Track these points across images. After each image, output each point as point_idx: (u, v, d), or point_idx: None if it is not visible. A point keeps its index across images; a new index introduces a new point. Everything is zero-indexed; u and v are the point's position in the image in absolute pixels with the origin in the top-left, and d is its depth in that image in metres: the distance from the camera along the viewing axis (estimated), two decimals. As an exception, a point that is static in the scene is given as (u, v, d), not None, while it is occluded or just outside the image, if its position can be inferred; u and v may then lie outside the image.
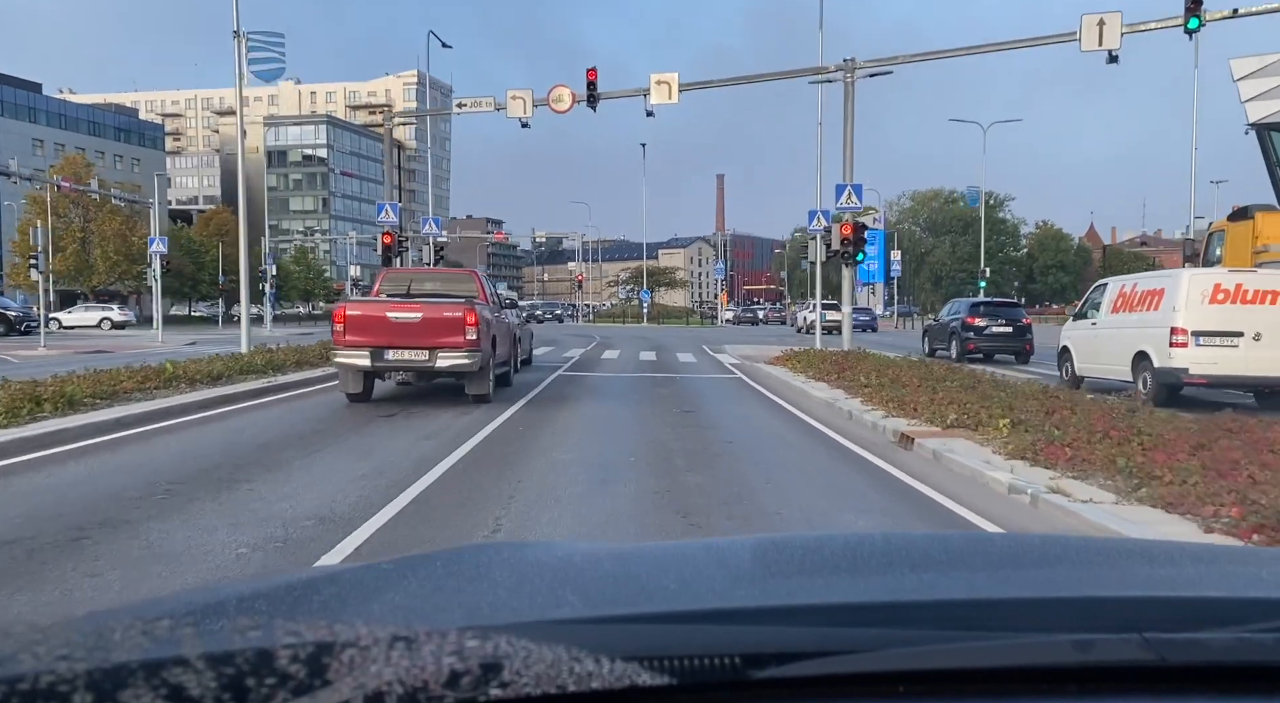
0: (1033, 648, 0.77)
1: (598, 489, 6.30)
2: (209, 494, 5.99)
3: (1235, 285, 11.49)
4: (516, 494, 6.11)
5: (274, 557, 4.57)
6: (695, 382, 15.43)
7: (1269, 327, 11.25)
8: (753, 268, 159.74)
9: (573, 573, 0.98)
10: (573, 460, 7.49)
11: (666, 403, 12.04)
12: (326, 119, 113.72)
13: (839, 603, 0.89)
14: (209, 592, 1.00)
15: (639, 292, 61.29)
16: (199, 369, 12.93)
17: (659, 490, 6.30)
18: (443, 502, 5.88)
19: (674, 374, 16.86)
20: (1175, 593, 0.95)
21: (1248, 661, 0.78)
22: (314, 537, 4.96)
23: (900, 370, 13.86)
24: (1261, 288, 11.40)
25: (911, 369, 14.07)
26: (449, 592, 0.93)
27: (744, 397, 13.36)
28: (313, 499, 5.86)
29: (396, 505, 5.72)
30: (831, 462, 7.84)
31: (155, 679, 0.62)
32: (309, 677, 0.63)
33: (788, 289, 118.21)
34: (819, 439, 9.16)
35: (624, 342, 30.71)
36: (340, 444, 8.30)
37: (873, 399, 11.23)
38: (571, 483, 6.51)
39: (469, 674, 0.65)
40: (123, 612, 0.81)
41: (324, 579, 1.00)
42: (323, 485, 6.32)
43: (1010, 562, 1.12)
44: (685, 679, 0.70)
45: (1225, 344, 11.30)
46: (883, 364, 15.42)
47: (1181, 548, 1.51)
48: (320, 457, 7.58)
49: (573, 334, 37.79)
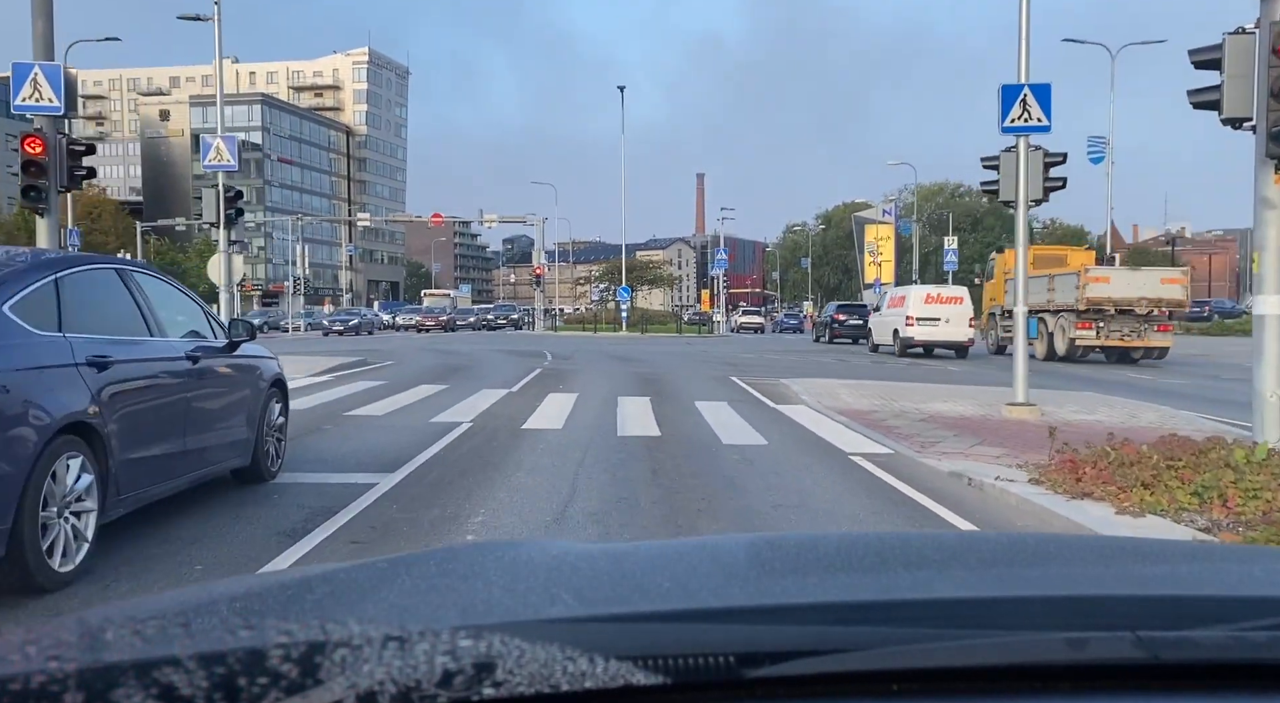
0: (1026, 646, 0.76)
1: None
2: None
3: (937, 294, 25.02)
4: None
5: None
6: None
7: (952, 315, 24.16)
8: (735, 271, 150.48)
9: (567, 572, 0.96)
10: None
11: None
12: (261, 98, 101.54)
13: (833, 602, 0.88)
14: (201, 591, 0.98)
15: (615, 291, 49.83)
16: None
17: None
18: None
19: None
20: (1168, 591, 0.95)
21: (1240, 658, 0.78)
22: None
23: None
24: (947, 295, 24.93)
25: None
26: (443, 591, 0.91)
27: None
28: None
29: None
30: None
31: (146, 679, 0.61)
32: (301, 676, 0.63)
33: (780, 291, 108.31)
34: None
35: (591, 370, 19.58)
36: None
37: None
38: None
39: (462, 674, 0.64)
40: (114, 611, 0.82)
41: (317, 578, 0.96)
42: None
43: (1003, 560, 1.11)
44: (679, 678, 0.69)
45: (930, 324, 24.17)
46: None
47: (1174, 546, 1.74)
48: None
49: (512, 352, 26.30)
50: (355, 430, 9.16)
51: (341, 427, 9.41)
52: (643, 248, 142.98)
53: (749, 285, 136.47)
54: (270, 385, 6.39)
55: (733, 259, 61.37)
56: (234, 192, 15.90)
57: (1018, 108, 10.96)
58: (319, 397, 12.26)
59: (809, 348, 30.86)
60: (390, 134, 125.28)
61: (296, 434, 8.76)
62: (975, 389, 14.61)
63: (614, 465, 7.40)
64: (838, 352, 28.14)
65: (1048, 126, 11.02)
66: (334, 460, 7.37)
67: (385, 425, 9.58)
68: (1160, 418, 11.10)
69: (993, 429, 9.89)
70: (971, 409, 11.74)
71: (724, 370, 19.13)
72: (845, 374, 18.22)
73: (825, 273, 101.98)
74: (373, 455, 7.64)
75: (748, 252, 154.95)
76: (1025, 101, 10.92)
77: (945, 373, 19.33)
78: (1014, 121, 10.98)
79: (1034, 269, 24.16)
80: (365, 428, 9.35)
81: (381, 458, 7.50)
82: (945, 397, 13.13)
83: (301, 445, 8.06)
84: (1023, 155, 11.02)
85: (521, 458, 7.70)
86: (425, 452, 7.86)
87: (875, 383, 15.47)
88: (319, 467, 7.08)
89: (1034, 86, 10.96)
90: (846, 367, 21.18)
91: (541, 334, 45.88)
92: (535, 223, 48.47)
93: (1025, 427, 10.18)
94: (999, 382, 16.32)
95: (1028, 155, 11.04)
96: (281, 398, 6.70)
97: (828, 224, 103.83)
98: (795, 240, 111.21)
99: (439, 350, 26.11)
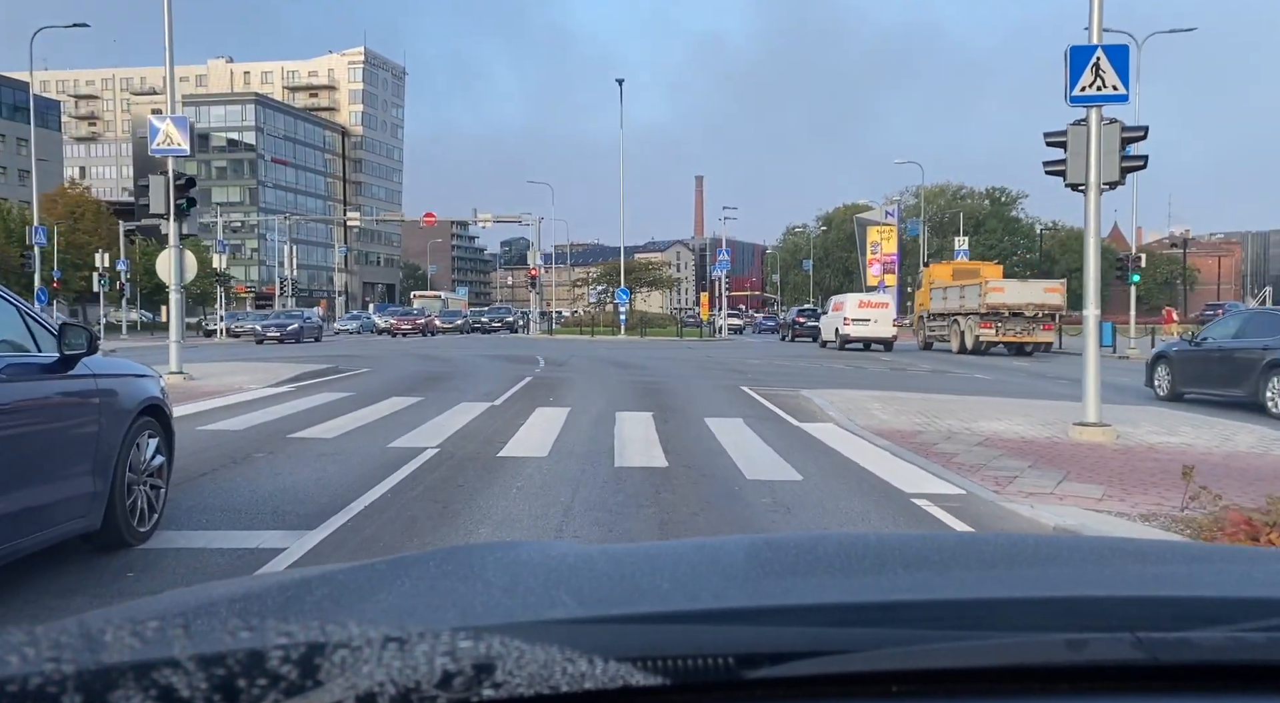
0: (1025, 648, 0.76)
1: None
2: None
3: (868, 300, 31.30)
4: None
5: None
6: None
7: (879, 317, 29.70)
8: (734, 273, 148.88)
9: (566, 573, 0.95)
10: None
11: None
12: (255, 98, 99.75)
13: (832, 603, 0.88)
14: (200, 592, 0.98)
15: (613, 292, 47.93)
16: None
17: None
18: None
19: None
20: (1167, 592, 0.95)
21: (1240, 660, 0.77)
22: None
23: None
24: (875, 301, 31.26)
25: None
26: (442, 592, 0.91)
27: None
28: None
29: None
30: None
31: (145, 681, 0.61)
32: (301, 678, 0.62)
33: (780, 293, 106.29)
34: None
35: (587, 378, 17.81)
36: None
37: None
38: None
39: (462, 675, 0.64)
40: (114, 612, 0.82)
41: (317, 579, 0.95)
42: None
43: (1003, 562, 1.09)
44: (679, 680, 0.69)
45: (863, 324, 29.50)
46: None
47: (1174, 547, 1.69)
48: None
49: (502, 357, 24.51)
50: (291, 460, 7.41)
51: (277, 455, 7.67)
52: (641, 250, 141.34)
53: (749, 288, 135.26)
54: (137, 415, 4.64)
55: (732, 262, 59.60)
56: (185, 179, 14.12)
57: (1089, 74, 9.24)
58: (265, 413, 10.50)
59: (819, 354, 29.10)
60: (386, 135, 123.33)
61: (217, 466, 7.02)
62: (1021, 403, 12.84)
63: (611, 516, 5.64)
64: (847, 358, 26.45)
65: (1125, 95, 9.29)
66: (242, 509, 5.61)
67: (332, 453, 7.83)
68: (1259, 440, 9.37)
69: (1070, 457, 8.15)
70: (1030, 428, 10.00)
71: (732, 378, 17.37)
72: (865, 383, 16.45)
73: (826, 275, 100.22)
74: (298, 500, 5.88)
75: (747, 254, 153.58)
76: (1098, 66, 9.20)
77: (970, 381, 17.59)
78: (1084, 90, 9.25)
79: (954, 281, 31.06)
80: (305, 457, 7.60)
81: (309, 504, 5.75)
82: (993, 412, 11.37)
83: (210, 485, 6.31)
84: (1095, 129, 9.29)
85: (490, 504, 5.93)
86: (368, 493, 6.10)
87: (906, 395, 13.70)
88: (217, 520, 5.32)
89: (1109, 48, 9.25)
90: (864, 375, 19.41)
91: (536, 338, 43.94)
92: (531, 222, 46.68)
93: (1105, 453, 8.45)
94: (1024, 392, 14.56)
95: (1101, 129, 9.32)
96: (159, 431, 4.93)
97: (829, 226, 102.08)
98: (796, 242, 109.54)
99: (423, 356, 24.25)
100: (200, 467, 6.99)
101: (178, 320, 14.34)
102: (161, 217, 14.03)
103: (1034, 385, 17.17)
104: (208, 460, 7.29)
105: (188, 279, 14.82)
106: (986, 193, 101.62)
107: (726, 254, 49.91)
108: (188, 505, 5.61)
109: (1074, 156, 9.44)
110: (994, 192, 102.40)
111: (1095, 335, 9.51)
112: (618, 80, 43.48)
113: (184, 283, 14.54)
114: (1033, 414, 11.26)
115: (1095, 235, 9.47)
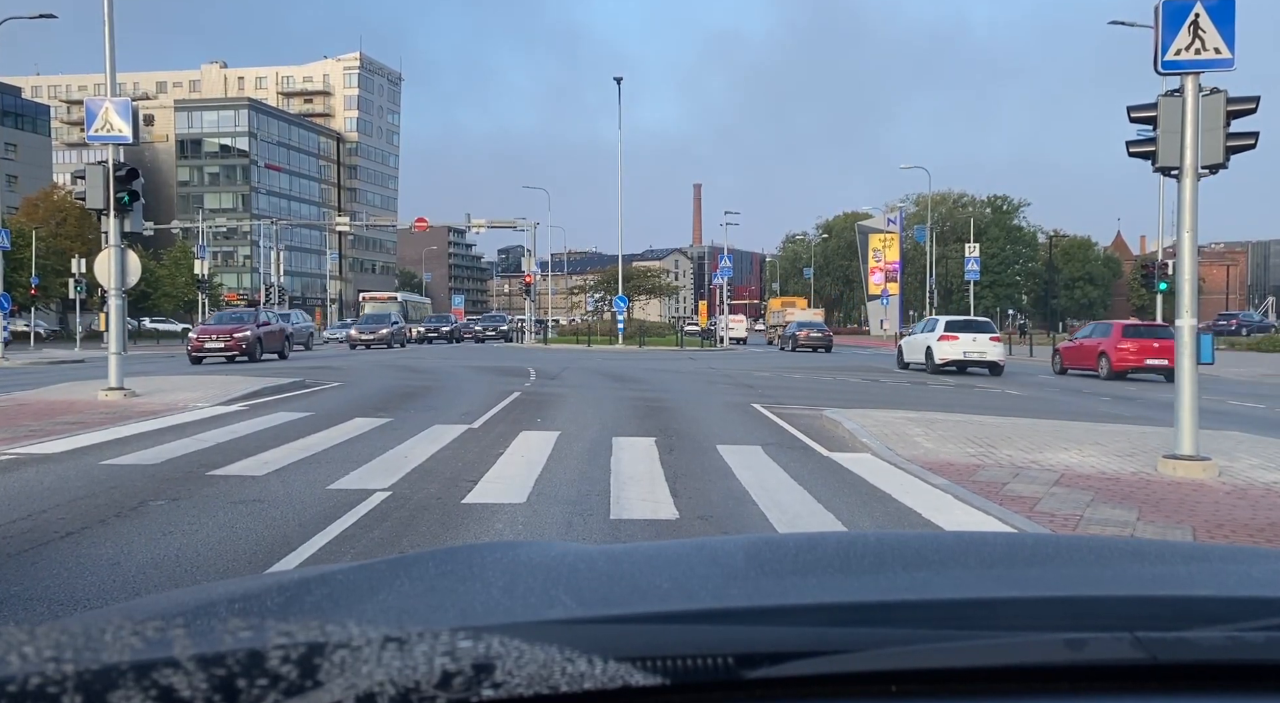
0: (1025, 647, 0.76)
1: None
2: None
3: (808, 314, 56.82)
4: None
5: None
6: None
7: (818, 327, 42.46)
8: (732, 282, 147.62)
9: (566, 573, 0.95)
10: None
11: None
12: (249, 103, 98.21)
13: (832, 603, 0.87)
14: (200, 592, 0.97)
15: (611, 300, 46.13)
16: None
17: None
18: None
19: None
20: (1166, 592, 0.95)
21: (1239, 659, 0.77)
22: None
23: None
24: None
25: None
26: (442, 592, 0.90)
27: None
28: None
29: None
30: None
31: (145, 681, 0.61)
32: (300, 678, 0.62)
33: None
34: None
35: (581, 394, 16.09)
36: None
37: None
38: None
39: (461, 675, 0.64)
40: (113, 612, 0.81)
41: (316, 579, 0.95)
42: None
43: (1002, 561, 1.08)
44: (678, 679, 0.69)
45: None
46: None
47: (1173, 547, 1.67)
48: None
49: (491, 370, 22.76)
50: (194, 511, 5.75)
51: (180, 503, 6.01)
52: (639, 258, 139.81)
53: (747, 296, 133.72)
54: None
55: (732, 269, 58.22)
56: (126, 169, 12.46)
57: (1185, 34, 7.66)
58: (195, 440, 8.82)
59: (829, 365, 27.45)
60: (382, 141, 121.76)
61: (92, 521, 5.40)
62: (1086, 427, 11.14)
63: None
64: (863, 371, 24.84)
65: (1230, 60, 7.69)
66: (79, 600, 3.95)
67: (253, 498, 6.17)
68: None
69: (1178, 504, 6.52)
70: (1108, 460, 8.37)
71: (742, 395, 15.72)
72: (889, 400, 14.79)
73: (826, 283, 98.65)
74: (172, 579, 4.23)
75: (745, 263, 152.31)
76: (1197, 24, 7.63)
77: (1001, 397, 15.94)
78: (1179, 54, 7.67)
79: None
80: (215, 505, 5.94)
81: (183, 586, 4.09)
82: (1055, 439, 9.72)
83: (55, 556, 4.64)
84: (1191, 100, 7.70)
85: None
86: (275, 567, 4.44)
87: (943, 416, 12.05)
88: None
89: (1210, 5, 7.66)
90: (884, 390, 17.77)
91: (530, 347, 42.15)
92: (526, 227, 45.04)
93: (1217, 496, 6.82)
94: (1067, 412, 12.85)
95: (1199, 101, 7.72)
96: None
97: (829, 234, 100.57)
98: (795, 250, 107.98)
99: (404, 368, 22.50)
100: (68, 522, 5.34)
101: (118, 329, 12.68)
102: (100, 212, 12.38)
103: (1078, 404, 15.52)
104: (85, 512, 5.63)
105: (130, 282, 13.13)
106: (988, 200, 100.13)
107: (729, 261, 48.20)
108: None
109: (1166, 135, 7.84)
110: (995, 199, 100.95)
111: (1192, 350, 7.88)
112: (616, 79, 41.89)
113: (125, 287, 12.85)
114: (1101, 440, 9.61)
115: (1192, 231, 7.85)
